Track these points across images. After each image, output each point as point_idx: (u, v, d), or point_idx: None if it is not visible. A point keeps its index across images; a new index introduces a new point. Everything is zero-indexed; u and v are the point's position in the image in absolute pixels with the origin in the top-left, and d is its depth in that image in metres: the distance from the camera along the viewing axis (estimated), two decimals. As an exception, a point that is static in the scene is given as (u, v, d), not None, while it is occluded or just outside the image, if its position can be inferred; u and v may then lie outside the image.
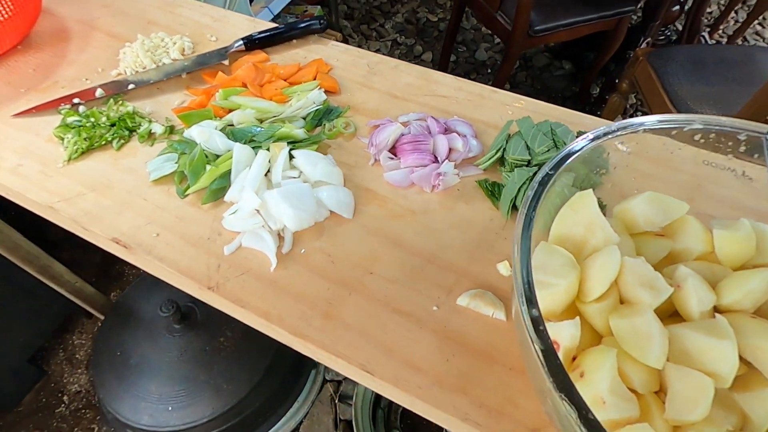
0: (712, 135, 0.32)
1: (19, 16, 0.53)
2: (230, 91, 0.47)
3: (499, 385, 0.32)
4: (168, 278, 0.39)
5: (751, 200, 0.36)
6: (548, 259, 0.29)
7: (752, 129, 0.30)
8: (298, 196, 0.39)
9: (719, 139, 0.32)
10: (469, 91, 0.52)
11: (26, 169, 0.44)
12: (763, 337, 0.26)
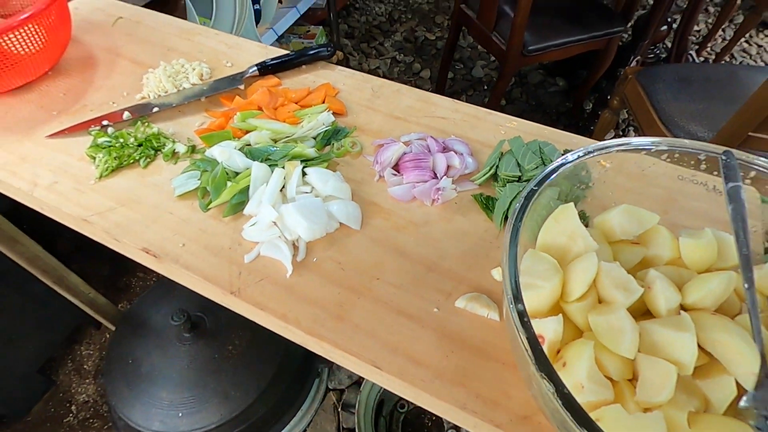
0: (677, 155, 0.36)
1: (51, 46, 0.58)
2: (247, 114, 0.52)
3: (493, 378, 0.35)
4: (193, 285, 0.43)
5: (719, 212, 0.40)
6: (535, 264, 0.33)
7: (710, 150, 0.35)
8: (311, 209, 0.43)
9: (683, 158, 0.36)
10: (465, 113, 0.57)
11: (61, 186, 0.48)
12: (721, 331, 0.30)
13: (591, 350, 0.29)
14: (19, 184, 0.48)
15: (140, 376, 0.86)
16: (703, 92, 1.22)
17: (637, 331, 0.30)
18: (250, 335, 0.90)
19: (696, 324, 0.30)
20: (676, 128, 1.17)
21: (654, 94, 1.24)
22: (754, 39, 2.32)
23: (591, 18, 1.52)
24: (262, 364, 0.89)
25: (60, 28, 0.59)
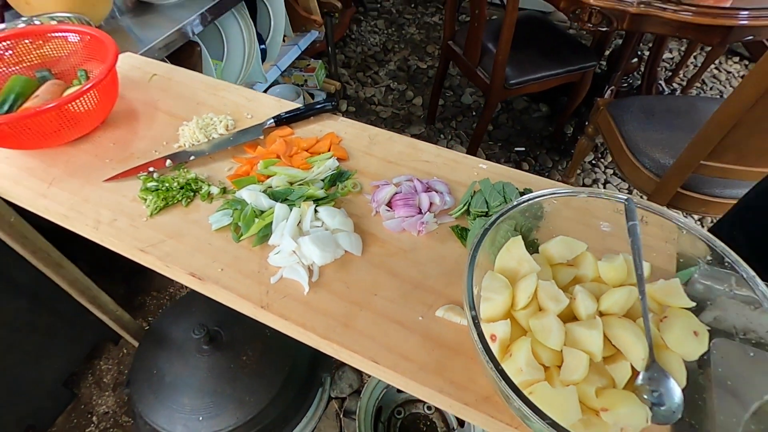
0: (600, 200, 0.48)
1: (104, 104, 0.71)
2: (269, 162, 0.64)
3: (463, 369, 0.47)
4: (230, 302, 0.55)
5: (645, 238, 0.53)
6: (492, 282, 0.45)
7: (617, 197, 0.47)
8: (322, 240, 0.55)
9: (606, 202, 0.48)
10: (446, 157, 0.69)
11: (120, 222, 0.60)
12: (622, 329, 0.42)
13: (528, 344, 0.41)
14: (86, 221, 0.60)
15: (164, 385, 0.96)
16: (666, 122, 1.36)
17: (563, 330, 0.42)
18: (261, 347, 1.01)
19: (605, 324, 0.42)
20: (642, 155, 1.31)
21: (622, 124, 1.38)
22: (723, 66, 2.49)
23: (566, 54, 1.67)
24: (272, 373, 0.99)
25: (111, 89, 0.71)
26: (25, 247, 0.77)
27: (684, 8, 1.22)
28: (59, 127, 0.65)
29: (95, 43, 0.74)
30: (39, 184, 0.65)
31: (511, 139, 2.08)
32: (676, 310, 0.44)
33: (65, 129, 0.66)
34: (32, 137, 0.64)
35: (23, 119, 0.60)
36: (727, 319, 0.45)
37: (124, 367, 1.36)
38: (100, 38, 0.72)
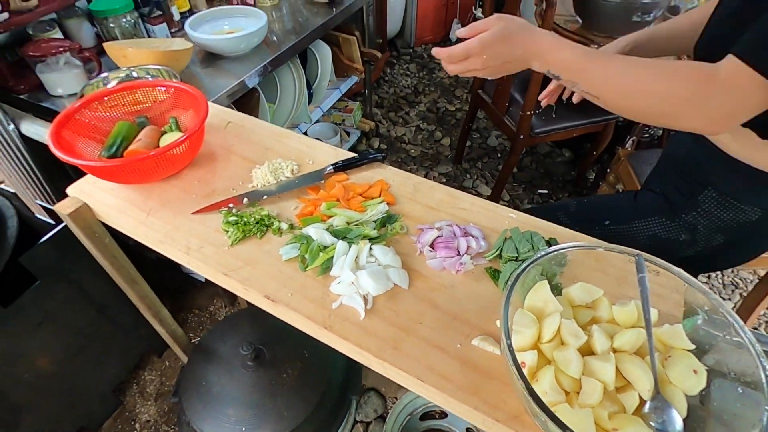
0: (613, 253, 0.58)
1: (193, 148, 0.84)
2: (330, 204, 0.76)
3: (495, 391, 0.55)
4: (297, 323, 0.65)
5: (655, 287, 0.61)
6: (522, 318, 0.54)
7: (629, 252, 0.56)
8: (376, 274, 0.65)
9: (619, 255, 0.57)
10: (480, 206, 0.79)
11: (206, 250, 0.72)
12: (632, 364, 0.50)
13: (552, 372, 0.50)
14: (178, 247, 0.72)
15: (212, 396, 1.05)
16: (684, 176, 1.44)
17: (582, 362, 0.50)
18: (300, 366, 1.10)
19: (617, 359, 0.50)
20: (661, 205, 1.39)
21: (642, 176, 1.47)
22: (745, 118, 2.55)
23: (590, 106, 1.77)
24: (309, 391, 1.08)
25: (200, 135, 0.85)
26: (112, 265, 0.90)
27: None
28: (160, 168, 0.78)
29: (181, 94, 0.89)
30: (139, 213, 0.78)
31: (534, 181, 2.18)
32: (678, 351, 0.52)
33: (164, 169, 0.80)
34: (138, 175, 0.78)
35: (137, 162, 0.74)
36: (725, 362, 0.53)
37: (166, 378, 1.46)
38: (189, 91, 0.87)
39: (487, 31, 0.60)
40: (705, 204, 0.79)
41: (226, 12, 1.45)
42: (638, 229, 0.87)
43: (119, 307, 1.23)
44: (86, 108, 0.84)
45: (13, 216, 1.00)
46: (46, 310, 1.06)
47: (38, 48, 1.11)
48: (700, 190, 0.79)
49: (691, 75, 0.55)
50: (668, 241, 0.85)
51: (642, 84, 0.57)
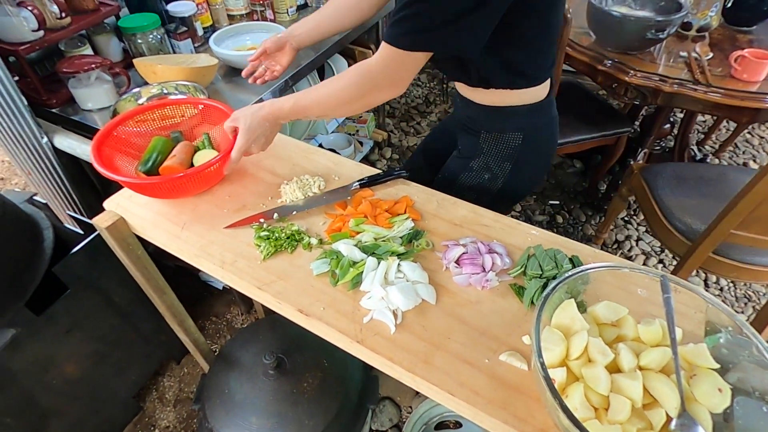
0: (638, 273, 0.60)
1: (221, 165, 0.87)
2: (359, 221, 0.79)
3: (524, 405, 0.57)
4: (329, 336, 0.67)
5: (678, 305, 0.63)
6: (551, 336, 0.56)
7: (654, 273, 0.58)
8: (405, 289, 0.68)
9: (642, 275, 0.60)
10: (503, 223, 0.82)
11: (239, 264, 0.75)
12: (658, 382, 0.52)
13: (582, 388, 0.52)
14: (213, 261, 0.75)
15: (234, 403, 1.08)
16: (697, 190, 1.46)
17: (610, 379, 0.52)
18: (320, 376, 1.12)
19: (644, 377, 0.52)
20: (674, 219, 1.40)
21: (655, 189, 1.48)
22: (756, 131, 2.57)
23: (602, 119, 1.80)
24: (328, 400, 1.10)
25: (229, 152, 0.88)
26: (143, 276, 0.93)
27: (713, 90, 1.34)
28: (196, 185, 0.82)
29: (212, 110, 0.92)
30: (173, 227, 0.81)
31: (545, 192, 2.20)
32: (703, 370, 0.54)
33: (199, 186, 0.83)
34: (175, 191, 0.81)
35: (175, 180, 0.77)
36: (748, 381, 0.55)
37: (184, 384, 1.49)
38: (221, 108, 0.90)
39: (239, 135, 0.82)
40: (485, 144, 0.96)
41: (248, 28, 1.49)
42: (462, 184, 1.02)
43: (142, 314, 1.26)
44: (123, 124, 0.88)
45: (49, 228, 1.04)
46: (74, 318, 1.10)
47: (72, 64, 1.15)
48: (479, 135, 0.96)
49: (354, 74, 0.77)
50: (481, 184, 1.00)
51: (336, 98, 0.79)
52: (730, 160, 2.38)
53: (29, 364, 1.02)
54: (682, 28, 1.60)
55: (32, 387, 1.04)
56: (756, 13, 1.59)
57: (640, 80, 1.42)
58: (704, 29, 1.60)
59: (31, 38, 1.12)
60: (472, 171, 1.00)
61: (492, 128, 0.94)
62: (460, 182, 1.01)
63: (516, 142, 0.94)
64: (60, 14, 1.15)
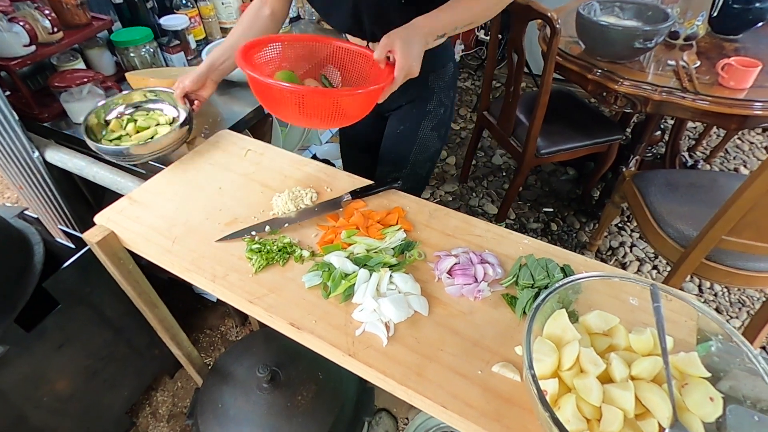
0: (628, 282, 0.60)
1: (381, 89, 0.78)
2: (350, 232, 0.79)
3: (517, 417, 0.57)
4: (321, 349, 0.67)
5: (669, 313, 0.63)
6: (542, 346, 0.56)
7: (643, 282, 0.59)
8: (397, 301, 0.68)
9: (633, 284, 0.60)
10: (495, 233, 0.82)
11: (231, 277, 0.74)
12: (650, 392, 0.52)
13: (574, 400, 0.51)
14: (205, 275, 0.75)
15: (228, 418, 1.07)
16: (689, 196, 1.47)
17: (602, 389, 0.52)
18: (314, 388, 1.11)
19: (636, 387, 0.52)
20: (666, 225, 1.41)
21: (647, 196, 1.50)
22: (746, 137, 2.60)
23: (594, 127, 1.82)
24: (323, 413, 1.09)
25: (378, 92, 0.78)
26: (134, 290, 0.92)
27: (701, 97, 1.36)
28: (362, 105, 0.80)
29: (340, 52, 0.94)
30: (164, 241, 0.81)
31: (539, 199, 2.21)
32: (695, 379, 0.54)
33: (363, 108, 0.80)
34: (339, 112, 0.76)
35: (351, 95, 0.78)
36: (739, 389, 0.55)
37: (178, 399, 1.47)
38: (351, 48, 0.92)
39: (399, 56, 0.78)
40: (434, 84, 1.08)
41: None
42: (425, 129, 1.12)
43: (134, 329, 1.25)
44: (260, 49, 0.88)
45: (40, 242, 1.03)
46: (66, 333, 1.08)
47: (64, 79, 1.15)
48: (427, 78, 1.06)
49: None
50: (440, 120, 1.13)
51: (482, 4, 0.85)
52: (721, 166, 2.41)
53: (19, 381, 1.00)
54: (670, 37, 1.63)
55: (22, 405, 1.03)
56: (742, 21, 1.62)
57: (630, 89, 1.44)
58: (691, 38, 1.62)
59: (23, 53, 1.12)
60: (431, 112, 1.10)
61: (436, 66, 1.05)
62: (423, 128, 1.11)
63: (452, 69, 1.08)
64: (52, 29, 1.15)
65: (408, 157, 1.16)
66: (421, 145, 1.14)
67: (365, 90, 0.75)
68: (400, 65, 0.78)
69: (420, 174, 1.21)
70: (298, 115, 0.76)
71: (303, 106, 0.74)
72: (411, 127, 1.12)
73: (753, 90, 1.36)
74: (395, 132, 1.15)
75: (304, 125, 0.83)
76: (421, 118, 1.10)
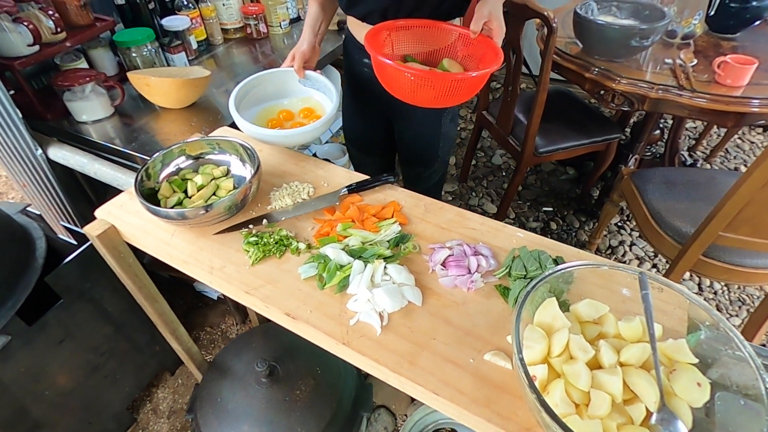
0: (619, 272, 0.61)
1: (475, 84, 0.84)
2: (346, 225, 0.80)
3: (508, 404, 0.58)
4: (316, 338, 0.68)
5: (660, 303, 0.64)
6: (532, 333, 0.57)
7: (632, 270, 0.59)
8: (391, 292, 0.69)
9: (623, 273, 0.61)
10: (489, 226, 0.83)
11: (228, 269, 0.76)
12: (638, 377, 0.52)
13: (562, 385, 0.52)
14: (202, 267, 0.76)
15: (227, 412, 1.08)
16: (686, 194, 1.47)
17: (590, 375, 0.53)
18: (313, 383, 1.12)
19: (624, 373, 0.53)
20: (664, 223, 1.41)
21: (645, 193, 1.50)
22: (746, 136, 2.60)
23: (592, 126, 1.83)
24: (321, 408, 1.10)
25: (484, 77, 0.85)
26: (135, 284, 0.93)
27: (699, 95, 1.37)
28: (472, 86, 0.84)
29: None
30: (163, 234, 0.82)
31: (539, 199, 2.21)
32: (683, 365, 0.55)
33: (474, 87, 0.85)
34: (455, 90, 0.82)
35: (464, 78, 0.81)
36: (728, 376, 0.55)
37: (179, 396, 1.48)
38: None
39: (497, 27, 0.85)
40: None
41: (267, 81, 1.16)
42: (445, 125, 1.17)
43: (135, 324, 1.27)
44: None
45: (42, 237, 1.04)
46: (67, 328, 1.10)
47: (67, 78, 1.17)
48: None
49: None
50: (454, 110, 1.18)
51: None
52: (722, 165, 2.41)
53: (20, 375, 1.02)
54: (667, 36, 1.64)
55: (23, 398, 1.04)
56: (739, 20, 1.63)
57: (627, 87, 1.45)
58: (689, 37, 1.63)
59: (27, 53, 1.14)
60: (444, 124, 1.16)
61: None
62: (444, 124, 1.16)
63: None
64: (55, 30, 1.18)
65: (437, 153, 1.23)
66: (445, 139, 1.20)
67: (483, 72, 0.81)
68: (501, 36, 0.85)
69: (446, 161, 1.30)
70: (412, 95, 0.85)
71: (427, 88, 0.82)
72: (432, 125, 1.16)
73: (750, 87, 1.36)
74: (417, 134, 1.19)
75: (419, 104, 0.88)
76: (440, 116, 1.15)
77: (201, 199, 0.85)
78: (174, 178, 0.89)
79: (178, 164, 0.91)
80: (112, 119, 1.27)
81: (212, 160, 0.93)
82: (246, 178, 0.87)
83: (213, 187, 0.87)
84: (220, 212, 0.78)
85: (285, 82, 1.14)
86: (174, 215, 0.76)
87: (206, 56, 1.60)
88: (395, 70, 0.82)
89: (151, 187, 0.86)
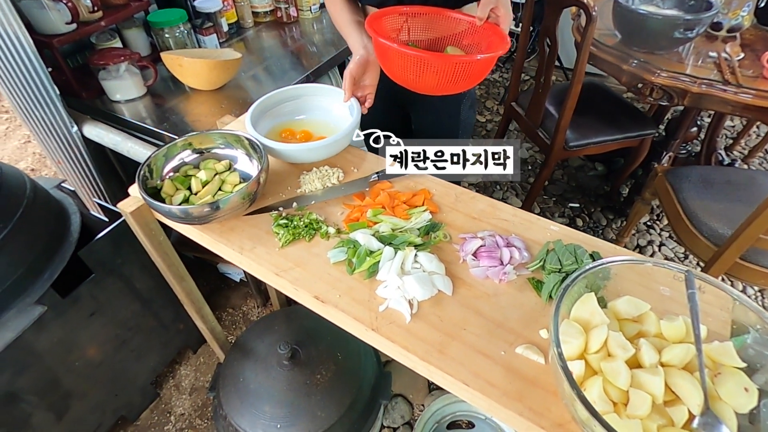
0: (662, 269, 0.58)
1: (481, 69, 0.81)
2: (376, 211, 0.79)
3: (540, 399, 0.57)
4: (344, 323, 0.68)
5: (701, 305, 0.61)
6: (569, 329, 0.55)
7: (678, 268, 0.57)
8: (422, 280, 0.68)
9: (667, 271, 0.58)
10: (522, 218, 0.81)
11: (258, 250, 0.76)
12: (681, 379, 0.50)
13: (600, 382, 0.51)
14: (233, 247, 0.76)
15: (249, 392, 1.09)
16: (724, 193, 1.41)
17: (630, 374, 0.51)
18: (334, 368, 1.12)
19: (666, 374, 0.51)
20: (700, 223, 1.36)
21: (680, 192, 1.45)
22: (787, 137, 2.47)
23: (626, 121, 1.77)
24: (341, 393, 1.10)
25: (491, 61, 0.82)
26: (164, 262, 0.95)
27: (744, 90, 1.30)
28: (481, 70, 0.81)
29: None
30: (195, 213, 0.82)
31: (565, 194, 2.16)
32: (729, 368, 0.52)
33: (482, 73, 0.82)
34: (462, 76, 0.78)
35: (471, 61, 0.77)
36: (776, 383, 0.53)
37: (200, 374, 1.52)
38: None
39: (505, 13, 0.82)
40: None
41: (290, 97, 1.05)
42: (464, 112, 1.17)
43: (161, 302, 1.29)
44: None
45: (76, 213, 1.07)
46: (98, 302, 1.13)
47: (102, 57, 1.19)
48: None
49: None
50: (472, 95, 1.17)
51: None
52: (760, 166, 2.31)
53: (54, 345, 1.05)
54: (712, 28, 1.56)
55: (56, 368, 1.08)
56: (791, 13, 1.54)
57: (667, 80, 1.39)
58: (735, 29, 1.55)
59: (65, 30, 1.16)
60: (466, 94, 1.13)
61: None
62: (463, 111, 1.14)
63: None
64: (93, 8, 1.19)
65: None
66: (464, 125, 1.20)
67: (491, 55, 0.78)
68: (508, 23, 0.83)
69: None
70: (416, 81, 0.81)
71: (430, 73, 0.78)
72: (451, 113, 1.15)
73: (800, 84, 1.29)
74: (435, 122, 1.17)
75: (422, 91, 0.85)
76: (459, 103, 1.13)
77: (208, 195, 0.80)
78: (176, 175, 0.85)
79: (182, 158, 0.87)
80: (144, 99, 1.28)
81: (218, 155, 0.89)
82: (252, 174, 0.85)
83: (218, 182, 0.83)
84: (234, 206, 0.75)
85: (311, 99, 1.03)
86: (178, 213, 0.73)
87: (236, 39, 1.60)
88: (397, 53, 0.77)
89: (153, 186, 0.82)
